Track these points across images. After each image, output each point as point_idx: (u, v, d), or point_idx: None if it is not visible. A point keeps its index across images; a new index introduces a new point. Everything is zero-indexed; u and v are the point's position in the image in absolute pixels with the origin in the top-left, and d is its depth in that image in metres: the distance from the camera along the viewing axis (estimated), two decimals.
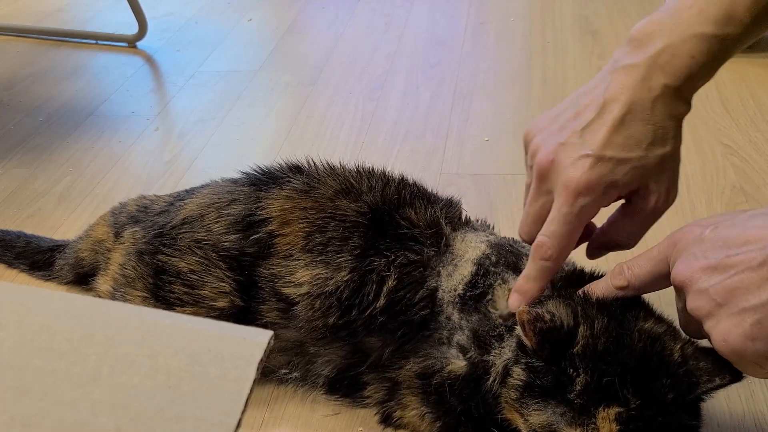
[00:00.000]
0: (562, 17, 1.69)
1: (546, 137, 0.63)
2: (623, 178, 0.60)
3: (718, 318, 0.51)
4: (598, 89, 0.62)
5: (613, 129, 0.60)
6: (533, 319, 0.58)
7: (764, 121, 1.22)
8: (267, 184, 0.76)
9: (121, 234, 0.82)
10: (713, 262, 0.51)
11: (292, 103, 1.40)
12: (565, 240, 0.62)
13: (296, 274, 0.71)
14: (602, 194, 0.61)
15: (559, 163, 0.61)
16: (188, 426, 0.30)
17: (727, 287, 0.50)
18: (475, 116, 1.32)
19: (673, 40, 0.59)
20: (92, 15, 1.88)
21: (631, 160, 0.60)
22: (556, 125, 0.63)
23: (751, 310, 0.49)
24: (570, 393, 0.58)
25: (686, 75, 0.59)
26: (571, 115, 0.62)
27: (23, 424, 0.30)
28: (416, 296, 0.69)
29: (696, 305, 0.53)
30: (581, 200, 0.60)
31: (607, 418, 0.57)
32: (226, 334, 0.34)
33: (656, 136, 0.60)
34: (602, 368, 0.57)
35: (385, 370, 0.71)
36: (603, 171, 0.60)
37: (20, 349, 0.33)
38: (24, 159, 1.25)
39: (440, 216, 0.74)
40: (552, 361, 0.59)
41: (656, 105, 0.60)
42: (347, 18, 1.79)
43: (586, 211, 0.61)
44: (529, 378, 0.60)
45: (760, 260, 0.49)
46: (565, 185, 0.61)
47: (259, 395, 0.78)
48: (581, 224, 0.62)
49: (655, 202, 0.63)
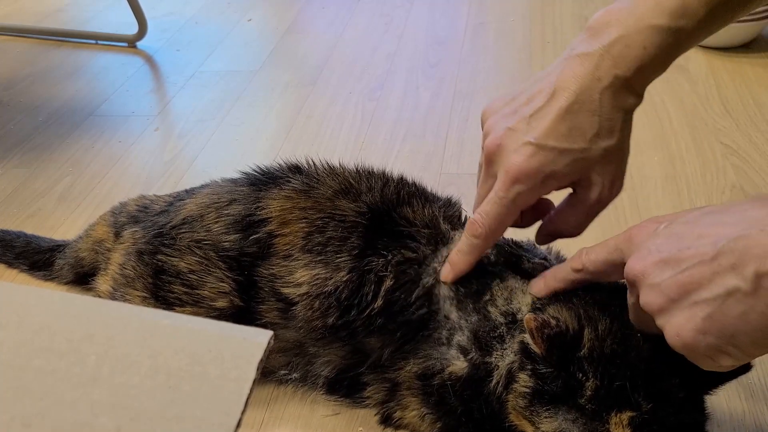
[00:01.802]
0: (562, 17, 1.69)
1: (498, 120, 0.64)
2: (563, 168, 0.61)
3: (671, 313, 0.51)
4: (552, 76, 0.62)
5: (558, 118, 0.60)
6: (540, 325, 0.58)
7: (764, 121, 1.22)
8: (266, 184, 0.76)
9: (121, 234, 0.82)
10: (666, 256, 0.51)
11: (292, 103, 1.40)
12: (497, 221, 0.64)
13: (295, 274, 0.71)
14: (540, 183, 0.61)
15: (504, 148, 0.62)
16: (188, 426, 0.30)
17: (679, 282, 0.50)
18: (475, 116, 1.31)
19: (628, 31, 0.59)
20: (92, 15, 1.88)
21: (573, 151, 0.60)
22: (509, 108, 0.64)
23: (702, 303, 0.49)
24: (581, 398, 0.58)
25: (637, 66, 0.59)
26: (524, 100, 0.63)
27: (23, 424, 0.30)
28: (412, 295, 0.69)
29: (648, 300, 0.52)
30: (517, 187, 0.61)
31: (620, 424, 0.56)
32: (226, 334, 0.34)
33: (602, 128, 0.60)
34: (612, 372, 0.57)
35: (384, 370, 0.71)
36: (543, 160, 0.60)
37: (20, 349, 0.33)
38: (24, 159, 1.25)
39: (438, 215, 0.74)
40: (561, 367, 0.58)
41: (604, 96, 0.60)
42: (347, 18, 1.79)
43: (521, 198, 0.62)
44: (537, 384, 0.60)
45: (712, 254, 0.48)
46: (505, 170, 0.62)
47: (259, 395, 0.78)
48: (515, 210, 0.63)
49: (598, 194, 0.63)
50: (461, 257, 0.67)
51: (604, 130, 0.60)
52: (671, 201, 1.04)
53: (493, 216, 0.63)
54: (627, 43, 0.59)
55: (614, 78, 0.59)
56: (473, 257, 0.66)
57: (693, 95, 1.31)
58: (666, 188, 1.06)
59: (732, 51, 1.44)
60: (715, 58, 1.42)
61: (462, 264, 0.67)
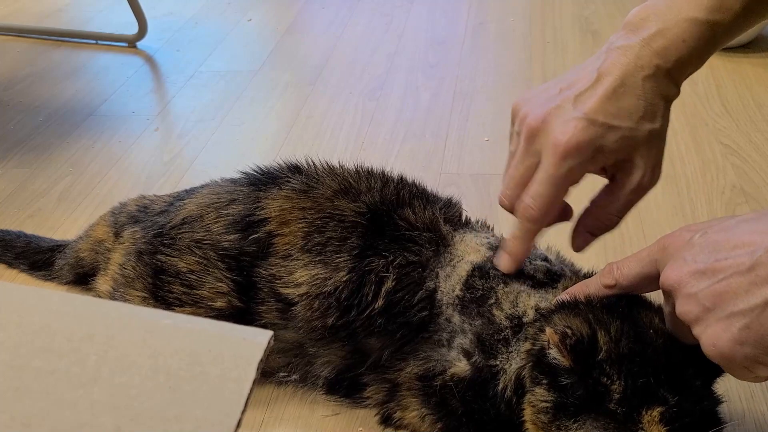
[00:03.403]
0: (562, 17, 1.69)
1: (538, 103, 0.64)
2: (612, 144, 0.61)
3: (707, 323, 0.51)
4: (592, 66, 0.63)
5: (605, 98, 0.61)
6: (562, 337, 0.57)
7: (764, 121, 1.22)
8: (266, 184, 0.76)
9: (121, 234, 0.82)
10: (702, 267, 0.51)
11: (292, 103, 1.40)
12: (549, 201, 0.63)
13: (295, 274, 0.71)
14: (590, 157, 0.61)
15: (550, 124, 0.62)
16: (188, 426, 0.30)
17: (716, 291, 0.50)
18: (475, 116, 1.32)
19: (666, 24, 0.60)
20: (92, 15, 1.88)
21: (621, 128, 0.61)
22: (548, 93, 0.64)
23: (739, 314, 0.49)
24: (609, 403, 0.57)
25: (677, 58, 0.60)
26: (566, 85, 0.63)
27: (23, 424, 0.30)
28: (415, 297, 0.68)
29: (685, 310, 0.52)
30: (569, 161, 0.61)
31: (652, 421, 0.56)
32: (226, 334, 0.34)
33: (646, 111, 0.61)
34: (634, 370, 0.57)
35: (384, 371, 0.71)
36: (593, 134, 0.61)
37: (20, 349, 0.33)
38: (24, 159, 1.25)
39: (439, 216, 0.74)
40: (586, 375, 0.58)
41: (647, 82, 0.61)
42: (347, 18, 1.79)
43: (572, 173, 0.62)
44: (559, 398, 0.59)
45: (749, 264, 0.49)
46: (554, 144, 0.61)
47: (259, 395, 0.78)
48: (566, 186, 0.63)
49: (640, 178, 0.63)
50: (519, 244, 0.66)
51: (649, 113, 0.61)
52: (671, 201, 1.03)
53: (546, 196, 0.63)
54: (667, 36, 0.60)
55: (656, 67, 0.61)
56: (530, 242, 0.66)
57: (693, 95, 1.31)
58: (666, 188, 1.06)
59: (732, 51, 1.44)
60: (715, 58, 1.41)
61: (521, 251, 0.66)
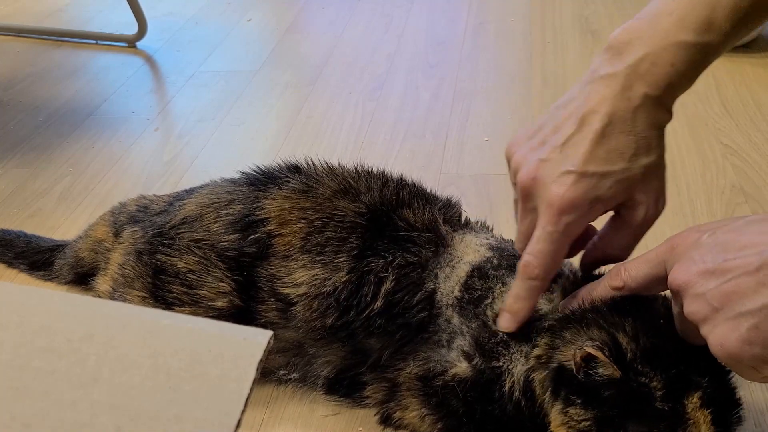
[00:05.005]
0: (562, 17, 1.69)
1: (526, 153, 0.62)
2: (608, 192, 0.59)
3: (715, 322, 0.51)
4: (577, 101, 0.60)
5: (594, 143, 0.59)
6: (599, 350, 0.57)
7: (764, 121, 1.22)
8: (266, 185, 0.76)
9: (121, 234, 0.82)
10: (710, 267, 0.51)
11: (292, 103, 1.40)
12: (551, 258, 0.61)
13: (294, 274, 0.71)
14: (587, 210, 0.60)
15: (541, 181, 0.60)
16: (188, 426, 0.30)
17: (724, 291, 0.50)
18: (475, 116, 1.32)
19: (653, 49, 0.58)
20: (92, 15, 1.88)
21: (614, 173, 0.59)
22: (535, 140, 0.62)
23: (747, 314, 0.49)
24: (655, 401, 0.57)
25: (667, 83, 0.58)
26: (551, 130, 0.61)
27: (23, 424, 0.30)
28: (414, 298, 0.69)
29: (693, 310, 0.52)
30: (566, 218, 0.60)
31: (695, 407, 0.56)
32: (226, 334, 0.34)
33: (639, 147, 0.59)
34: (664, 361, 0.57)
35: (384, 371, 0.71)
36: (587, 187, 0.59)
37: (20, 349, 0.33)
38: (24, 159, 1.25)
39: (438, 217, 0.74)
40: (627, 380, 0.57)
41: (637, 115, 0.58)
42: (347, 18, 1.79)
43: (571, 229, 0.60)
44: (600, 412, 0.58)
45: (757, 264, 0.48)
46: (548, 204, 0.60)
47: (259, 395, 0.78)
48: (567, 242, 0.62)
49: (644, 213, 0.62)
50: (521, 304, 0.63)
51: (642, 148, 0.59)
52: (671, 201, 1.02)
53: (546, 253, 0.61)
54: (654, 61, 0.58)
55: (644, 97, 0.58)
56: (533, 301, 0.64)
57: (692, 95, 1.31)
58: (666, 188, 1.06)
59: (732, 51, 1.44)
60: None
61: (523, 311, 0.63)
